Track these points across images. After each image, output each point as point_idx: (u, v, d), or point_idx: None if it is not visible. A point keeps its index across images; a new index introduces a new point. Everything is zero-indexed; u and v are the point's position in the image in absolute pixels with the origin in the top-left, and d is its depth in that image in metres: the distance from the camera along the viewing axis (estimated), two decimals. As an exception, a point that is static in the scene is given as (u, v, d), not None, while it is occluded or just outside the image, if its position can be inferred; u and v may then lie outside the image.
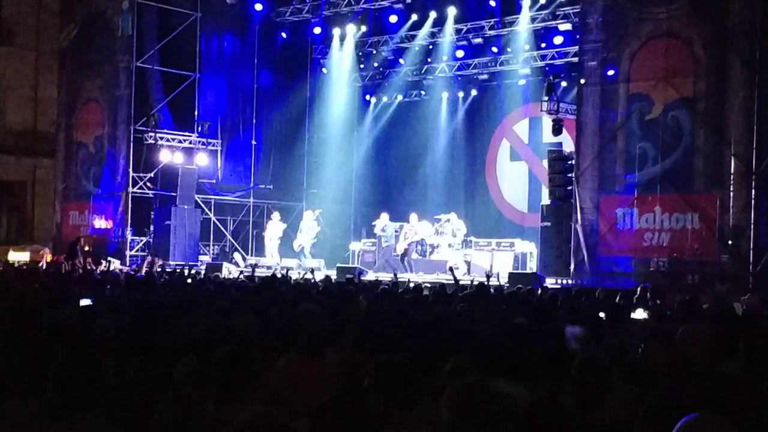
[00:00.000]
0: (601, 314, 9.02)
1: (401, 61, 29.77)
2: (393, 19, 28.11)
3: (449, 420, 3.47)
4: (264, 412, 3.81)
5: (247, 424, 3.73)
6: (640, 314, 10.21)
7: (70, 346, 5.71)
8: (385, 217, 26.01)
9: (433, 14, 27.54)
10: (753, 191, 18.96)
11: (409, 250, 24.98)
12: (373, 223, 26.75)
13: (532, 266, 24.53)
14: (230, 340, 6.44)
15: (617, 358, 5.67)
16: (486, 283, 14.90)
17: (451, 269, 18.00)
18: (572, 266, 21.63)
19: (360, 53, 30.06)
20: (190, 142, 27.74)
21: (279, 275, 18.06)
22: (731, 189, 19.31)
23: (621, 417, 4.32)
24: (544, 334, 6.69)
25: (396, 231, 25.91)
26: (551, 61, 26.48)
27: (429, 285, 16.37)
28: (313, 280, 16.46)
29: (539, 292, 14.64)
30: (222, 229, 29.03)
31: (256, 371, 5.94)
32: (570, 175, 22.67)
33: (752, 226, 18.88)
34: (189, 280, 15.95)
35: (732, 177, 19.33)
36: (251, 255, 28.34)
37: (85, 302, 8.99)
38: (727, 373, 5.87)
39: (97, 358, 4.66)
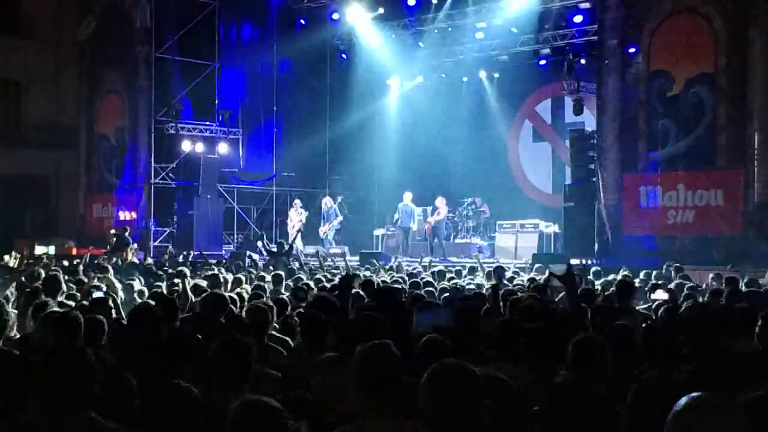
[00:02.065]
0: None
1: (420, 44, 29.58)
2: (411, 2, 27.89)
3: (428, 406, 3.39)
4: (257, 399, 3.78)
5: (241, 412, 3.71)
6: (660, 295, 10.09)
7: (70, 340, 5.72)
8: (407, 196, 25.66)
9: (451, -5, 27.32)
10: (777, 166, 18.74)
11: (438, 232, 24.63)
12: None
13: (556, 247, 24.42)
14: (240, 330, 6.40)
15: (621, 339, 5.56)
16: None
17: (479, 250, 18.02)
18: (596, 246, 21.46)
19: (379, 37, 29.87)
20: (211, 132, 27.75)
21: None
22: (755, 164, 19.07)
23: (616, 397, 4.24)
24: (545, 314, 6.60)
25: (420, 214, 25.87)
26: (571, 41, 26.20)
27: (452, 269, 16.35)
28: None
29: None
30: (245, 217, 29.07)
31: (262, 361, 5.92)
32: (592, 154, 22.50)
33: (777, 201, 18.67)
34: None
35: (755, 152, 19.08)
36: (275, 243, 28.30)
37: (97, 294, 8.97)
38: (742, 351, 5.78)
39: (94, 351, 4.63)
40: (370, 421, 3.78)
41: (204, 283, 11.04)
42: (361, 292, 9.35)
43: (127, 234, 24.05)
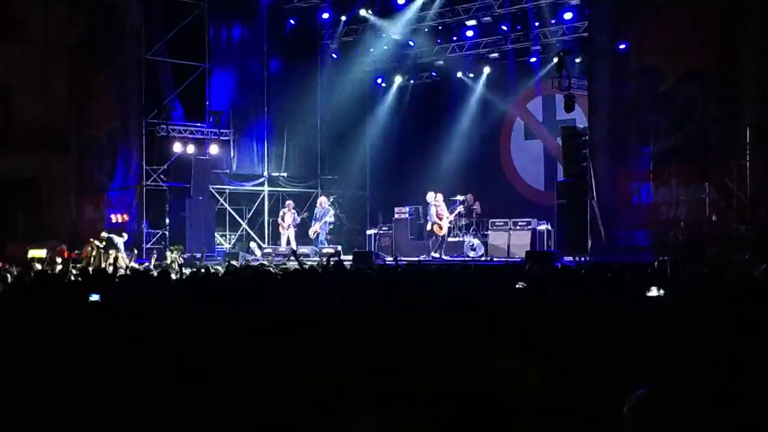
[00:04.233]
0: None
1: (411, 42, 29.58)
2: (401, 0, 27.87)
3: (437, 398, 3.39)
4: (267, 397, 3.74)
5: (258, 409, 3.67)
6: (655, 292, 10.09)
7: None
8: (430, 196, 25.49)
9: (441, -6, 27.30)
10: (769, 160, 18.79)
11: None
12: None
13: (549, 244, 24.44)
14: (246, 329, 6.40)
15: (619, 336, 5.54)
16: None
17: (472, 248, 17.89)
18: (589, 243, 21.49)
19: (370, 36, 29.86)
20: (202, 133, 27.71)
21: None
22: (747, 158, 19.10)
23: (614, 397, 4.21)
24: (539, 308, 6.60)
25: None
26: (562, 37, 26.26)
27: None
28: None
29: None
30: (237, 218, 29.03)
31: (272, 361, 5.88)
32: (584, 151, 22.51)
33: (769, 195, 18.71)
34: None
35: (747, 146, 19.12)
36: (267, 243, 28.34)
37: (94, 297, 8.92)
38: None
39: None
40: (369, 419, 3.74)
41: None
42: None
43: (116, 239, 24.04)
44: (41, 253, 25.11)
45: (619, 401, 3.17)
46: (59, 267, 18.72)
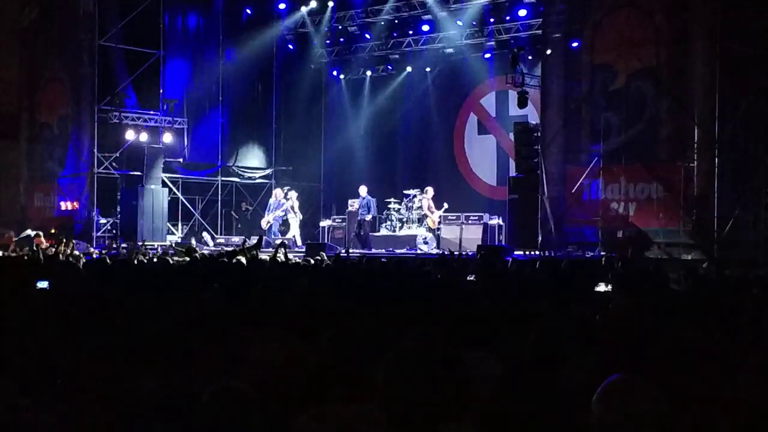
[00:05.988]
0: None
1: (367, 36, 29.61)
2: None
3: (388, 388, 3.42)
4: (230, 385, 3.72)
5: (214, 398, 3.64)
6: (603, 287, 10.29)
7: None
8: (363, 189, 25.85)
9: (398, -13, 27.38)
10: (716, 160, 19.07)
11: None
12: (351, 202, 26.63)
13: (501, 239, 24.67)
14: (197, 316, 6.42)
15: (576, 328, 5.64)
16: None
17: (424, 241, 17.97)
18: (540, 238, 21.71)
19: (326, 28, 29.83)
20: (156, 121, 27.49)
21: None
22: (695, 158, 19.41)
23: (577, 384, 4.29)
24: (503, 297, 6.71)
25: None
26: (516, 34, 26.45)
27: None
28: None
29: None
30: (190, 208, 28.84)
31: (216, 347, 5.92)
32: (536, 147, 22.75)
33: (716, 194, 18.99)
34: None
35: (695, 146, 19.43)
36: (220, 234, 28.24)
37: (42, 285, 8.89)
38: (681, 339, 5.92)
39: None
40: (336, 406, 3.76)
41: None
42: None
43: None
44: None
45: (588, 390, 3.24)
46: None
